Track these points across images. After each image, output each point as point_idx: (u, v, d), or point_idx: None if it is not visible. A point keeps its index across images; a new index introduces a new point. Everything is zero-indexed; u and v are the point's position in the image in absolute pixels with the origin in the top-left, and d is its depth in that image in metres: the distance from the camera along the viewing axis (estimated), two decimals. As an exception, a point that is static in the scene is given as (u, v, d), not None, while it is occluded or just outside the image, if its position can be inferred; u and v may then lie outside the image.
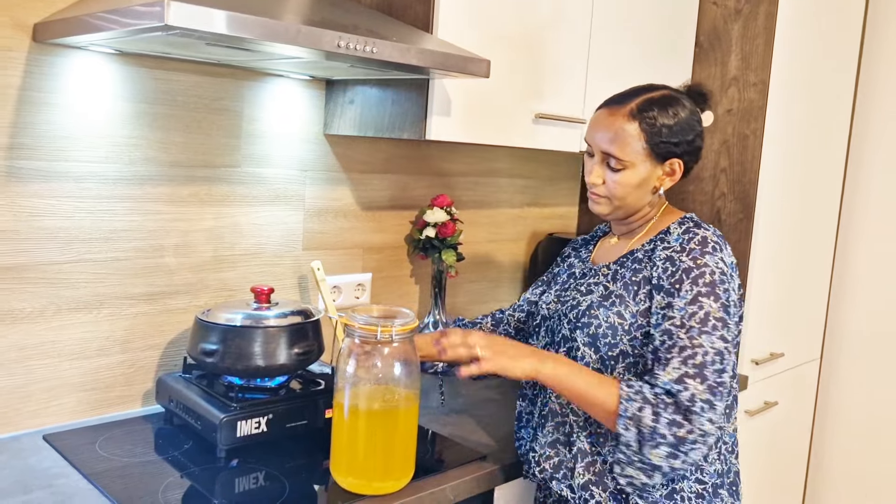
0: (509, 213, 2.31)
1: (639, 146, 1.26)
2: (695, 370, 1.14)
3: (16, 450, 1.36)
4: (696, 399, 1.12)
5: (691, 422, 1.11)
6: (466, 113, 1.63)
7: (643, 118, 1.25)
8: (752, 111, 2.15)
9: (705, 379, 1.13)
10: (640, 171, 1.27)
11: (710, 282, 1.18)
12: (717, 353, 1.15)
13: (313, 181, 1.80)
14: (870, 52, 2.62)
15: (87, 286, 1.48)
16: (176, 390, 1.47)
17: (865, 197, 2.66)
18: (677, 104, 1.28)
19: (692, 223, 1.29)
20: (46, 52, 1.38)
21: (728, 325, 1.18)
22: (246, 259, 1.71)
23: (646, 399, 1.14)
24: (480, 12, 1.61)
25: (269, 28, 1.14)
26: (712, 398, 1.13)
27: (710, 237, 1.24)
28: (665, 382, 1.14)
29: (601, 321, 1.27)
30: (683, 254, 1.21)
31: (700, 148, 1.31)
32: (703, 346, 1.15)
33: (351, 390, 1.22)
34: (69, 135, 1.43)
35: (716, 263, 1.20)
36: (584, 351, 1.29)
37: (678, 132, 1.26)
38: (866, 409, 2.70)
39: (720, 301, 1.17)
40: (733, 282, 1.24)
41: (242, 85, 1.65)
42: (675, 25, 2.17)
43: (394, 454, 1.25)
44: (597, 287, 1.31)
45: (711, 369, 1.14)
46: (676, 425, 1.12)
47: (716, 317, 1.17)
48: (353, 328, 1.22)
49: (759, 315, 2.27)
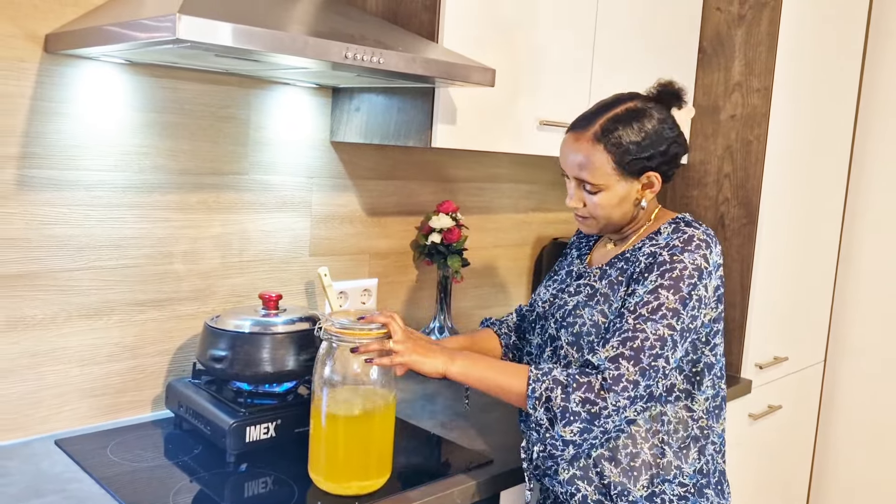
0: (514, 218, 2.33)
1: (608, 168, 1.24)
2: (631, 352, 1.17)
3: (28, 455, 1.38)
4: (622, 379, 1.16)
5: (606, 399, 1.15)
6: (471, 120, 1.65)
7: (608, 140, 1.23)
8: (756, 117, 2.17)
9: (639, 362, 1.16)
10: (618, 191, 1.27)
11: (676, 276, 1.19)
12: (658, 338, 1.17)
13: (320, 188, 1.82)
14: (873, 58, 2.63)
15: (98, 293, 1.50)
16: (185, 396, 1.49)
17: (868, 201, 2.67)
18: (643, 116, 1.25)
19: (683, 223, 1.29)
20: (57, 63, 1.40)
21: (680, 314, 1.18)
22: (254, 265, 1.73)
23: (555, 380, 1.18)
24: (486, 21, 1.63)
25: (277, 40, 1.16)
26: (640, 379, 1.17)
27: (697, 235, 1.24)
28: (600, 359, 1.18)
29: (585, 320, 1.28)
30: (665, 249, 1.22)
31: (677, 154, 1.29)
32: (645, 332, 1.17)
33: (328, 393, 1.26)
34: (80, 144, 1.45)
35: (693, 260, 1.20)
36: (566, 350, 1.30)
37: (647, 146, 1.24)
38: (870, 412, 2.71)
39: (680, 294, 1.19)
40: (709, 279, 1.22)
41: (249, 93, 1.67)
42: (678, 32, 2.18)
43: (370, 455, 1.28)
44: (585, 287, 1.32)
45: (648, 353, 1.17)
46: (590, 403, 1.16)
47: (669, 307, 1.18)
48: (329, 333, 1.25)
49: (763, 319, 2.28)
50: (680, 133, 1.30)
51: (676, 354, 1.21)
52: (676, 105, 1.31)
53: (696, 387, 1.28)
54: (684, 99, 1.31)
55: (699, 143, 2.29)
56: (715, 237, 1.28)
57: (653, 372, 1.18)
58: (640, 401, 1.20)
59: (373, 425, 1.28)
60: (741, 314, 2.22)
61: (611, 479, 1.25)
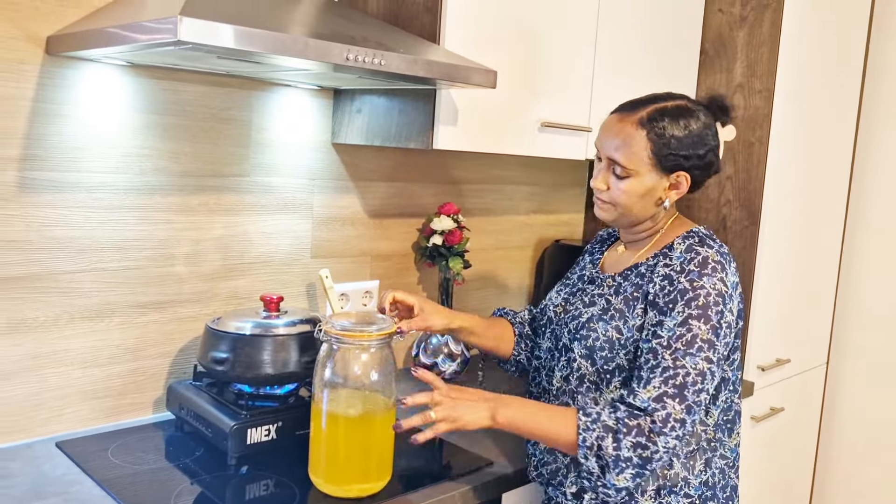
0: (516, 220, 2.33)
1: (644, 155, 1.24)
2: (675, 390, 1.15)
3: (29, 457, 1.38)
4: (671, 419, 1.14)
5: (657, 442, 1.13)
6: (473, 122, 1.65)
7: (652, 127, 1.23)
8: (758, 118, 2.16)
9: (684, 399, 1.15)
10: (645, 181, 1.25)
11: (702, 304, 1.17)
12: (699, 373, 1.16)
13: (321, 190, 1.82)
14: (875, 59, 2.63)
15: (99, 295, 1.50)
16: (186, 398, 1.48)
17: (871, 203, 2.67)
18: (690, 116, 1.25)
19: (697, 239, 1.26)
20: (59, 65, 1.40)
21: (715, 346, 1.17)
22: (255, 267, 1.73)
23: (606, 426, 1.15)
24: (487, 23, 1.63)
25: (279, 42, 1.16)
26: (686, 417, 1.15)
27: (711, 257, 1.21)
28: (643, 400, 1.16)
29: (599, 335, 1.27)
30: (682, 275, 1.20)
31: (712, 164, 1.28)
32: (685, 367, 1.15)
33: (329, 395, 1.25)
34: (81, 146, 1.45)
35: (713, 285, 1.19)
36: (580, 363, 1.29)
37: (688, 145, 1.24)
38: (873, 415, 2.70)
39: (710, 323, 1.17)
40: (731, 302, 1.21)
41: (251, 95, 1.67)
42: (680, 33, 2.18)
43: (370, 457, 1.27)
44: (599, 299, 1.31)
45: (692, 389, 1.15)
46: (641, 447, 1.14)
47: (703, 339, 1.16)
48: (329, 335, 1.24)
49: (765, 321, 2.27)
50: (719, 145, 1.29)
51: (715, 383, 1.20)
52: (721, 120, 1.30)
53: (712, 400, 1.27)
54: (730, 115, 1.31)
55: (701, 144, 2.28)
56: (729, 255, 1.26)
57: (698, 407, 1.17)
58: (690, 436, 1.19)
59: (373, 427, 1.28)
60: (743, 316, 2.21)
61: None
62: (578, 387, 1.29)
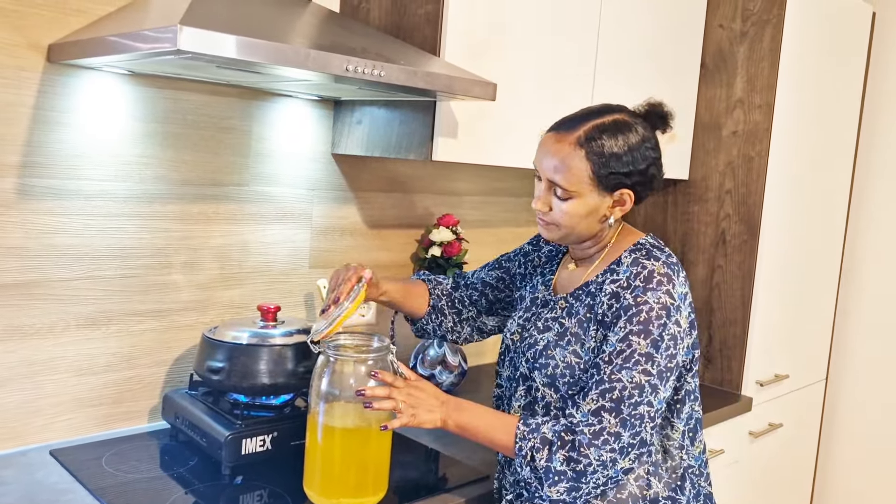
0: (514, 231, 2.33)
1: (585, 176, 1.19)
2: (611, 404, 1.14)
3: (23, 464, 1.38)
4: (604, 432, 1.13)
5: (588, 455, 1.13)
6: (472, 134, 1.65)
7: (591, 147, 1.19)
8: (758, 133, 2.17)
9: (619, 413, 1.14)
10: (588, 202, 1.22)
11: (644, 319, 1.16)
12: (635, 386, 1.15)
13: (320, 200, 1.82)
14: (875, 74, 2.64)
15: (96, 303, 1.50)
16: (182, 407, 1.48)
17: (870, 218, 2.67)
18: (629, 130, 1.21)
19: (643, 252, 1.23)
20: (60, 73, 1.40)
21: (654, 358, 1.15)
22: (253, 277, 1.73)
23: (543, 438, 1.15)
24: (487, 35, 1.64)
25: (279, 52, 1.16)
26: (622, 431, 1.14)
27: (657, 270, 1.18)
28: (583, 413, 1.15)
29: (558, 361, 1.24)
30: (628, 290, 1.18)
31: (654, 177, 1.24)
32: (622, 381, 1.14)
33: (325, 407, 1.24)
34: (81, 153, 1.45)
35: (657, 299, 1.16)
36: (543, 391, 1.26)
37: (628, 162, 1.20)
38: (873, 430, 2.69)
39: (650, 337, 1.15)
40: (678, 313, 1.18)
41: (251, 104, 1.67)
42: (680, 47, 2.18)
43: (367, 471, 1.26)
44: (553, 323, 1.28)
45: (627, 403, 1.14)
46: (573, 461, 1.13)
47: (641, 353, 1.15)
48: (327, 349, 1.24)
49: (764, 336, 2.27)
50: (660, 156, 1.25)
51: (660, 395, 1.17)
52: (661, 128, 1.27)
53: (675, 414, 1.26)
54: (670, 124, 1.27)
55: (700, 158, 2.29)
56: (677, 264, 1.22)
57: (635, 420, 1.15)
58: (633, 449, 1.16)
59: (370, 440, 1.25)
60: (742, 331, 2.21)
61: None
62: (545, 414, 1.26)
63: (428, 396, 1.22)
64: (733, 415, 2.15)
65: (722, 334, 2.25)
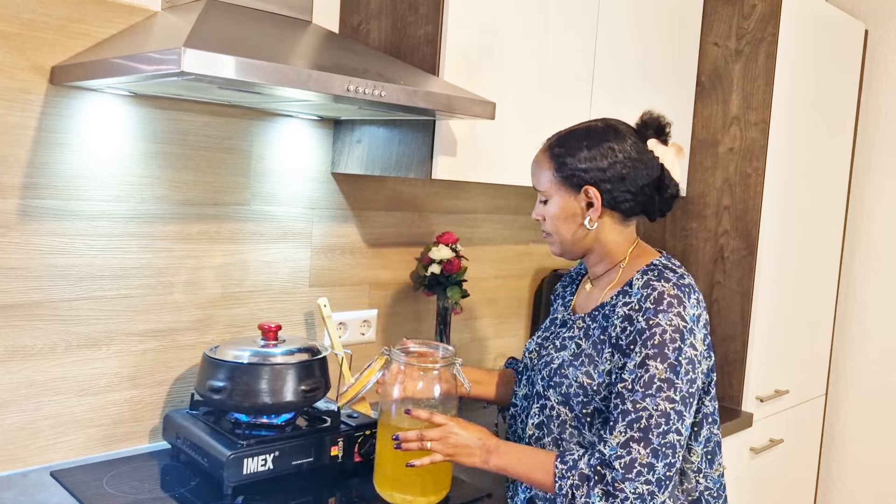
0: (514, 249, 2.33)
1: (549, 175, 1.29)
2: (639, 434, 1.14)
3: (24, 486, 1.37)
4: (636, 464, 1.13)
5: (624, 490, 1.13)
6: (472, 152, 1.66)
7: (553, 149, 1.29)
8: (754, 150, 2.18)
9: (649, 443, 1.14)
10: (560, 202, 1.28)
11: (658, 343, 1.16)
12: (661, 415, 1.14)
13: (321, 219, 1.83)
14: (868, 90, 2.66)
15: (97, 323, 1.50)
16: (183, 427, 1.48)
17: (868, 233, 2.68)
18: (595, 132, 1.27)
19: (655, 273, 1.23)
20: (63, 94, 1.41)
21: (675, 384, 1.15)
22: (254, 296, 1.73)
23: (581, 475, 1.16)
24: (486, 55, 1.65)
25: (281, 73, 1.17)
26: (655, 462, 1.14)
27: (667, 291, 1.19)
28: (612, 447, 1.15)
29: (571, 381, 1.25)
30: (640, 313, 1.19)
31: (623, 177, 1.24)
32: (647, 409, 1.14)
33: (396, 412, 1.32)
34: (83, 174, 1.46)
35: (669, 321, 1.16)
36: (558, 410, 1.27)
37: (586, 159, 1.25)
38: (873, 445, 2.69)
39: (667, 361, 1.15)
40: (692, 336, 1.18)
41: (252, 124, 1.68)
42: (677, 65, 2.21)
43: (431, 471, 1.31)
44: (570, 343, 1.29)
45: (656, 432, 1.14)
46: (611, 496, 1.14)
47: (661, 378, 1.15)
48: (400, 358, 1.35)
49: (764, 352, 2.27)
50: (638, 159, 1.25)
51: (686, 422, 1.17)
52: (654, 135, 1.28)
53: (693, 437, 1.26)
54: (666, 131, 1.29)
55: (698, 175, 2.30)
56: (689, 286, 1.22)
57: (666, 450, 1.14)
58: (669, 482, 1.16)
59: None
60: (742, 346, 2.22)
61: None
62: (562, 433, 1.27)
63: (467, 439, 1.25)
64: (734, 431, 2.15)
65: (721, 350, 2.26)
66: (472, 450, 1.24)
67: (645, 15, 2.04)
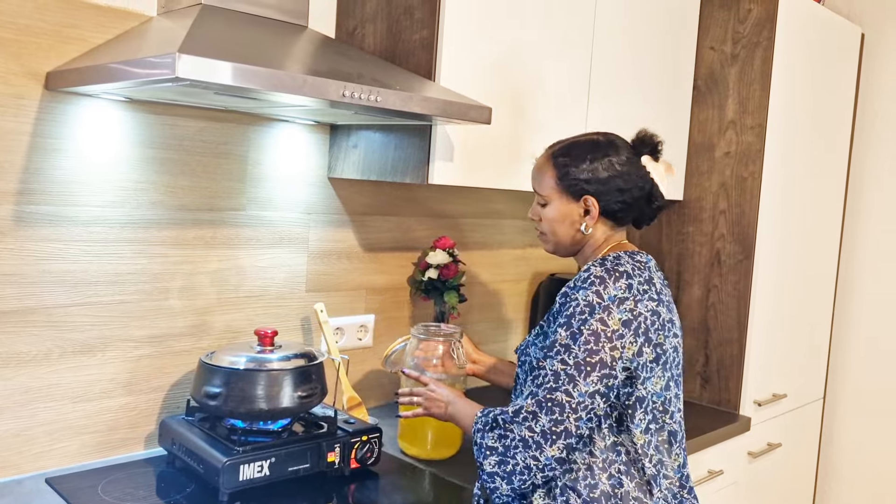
0: (511, 253, 2.33)
1: (552, 182, 1.37)
2: (535, 388, 1.28)
3: (19, 493, 1.36)
4: (522, 411, 1.26)
5: (512, 430, 1.26)
6: (468, 157, 1.66)
7: (557, 158, 1.38)
8: (750, 154, 2.19)
9: (535, 395, 1.26)
10: (559, 207, 1.37)
11: (569, 314, 1.27)
12: (552, 374, 1.25)
13: (317, 224, 1.83)
14: (864, 94, 2.67)
15: (93, 329, 1.50)
16: (178, 433, 1.47)
17: (865, 236, 2.68)
18: (597, 147, 1.36)
19: (599, 261, 1.33)
20: (58, 100, 1.41)
21: (571, 350, 1.25)
22: (250, 301, 1.72)
23: (486, 422, 1.31)
24: (482, 60, 1.65)
25: (276, 78, 1.17)
26: (538, 412, 1.25)
27: (594, 273, 1.29)
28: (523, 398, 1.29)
29: (532, 357, 1.37)
30: (569, 289, 1.31)
31: (620, 189, 1.34)
32: (544, 369, 1.27)
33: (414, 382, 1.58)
34: (78, 180, 1.45)
35: (584, 297, 1.27)
36: (524, 388, 1.36)
37: (588, 170, 1.34)
38: (871, 448, 2.69)
39: (570, 330, 1.26)
40: (604, 312, 1.25)
41: (248, 129, 1.68)
42: (673, 69, 2.21)
43: (444, 429, 1.62)
44: (540, 328, 1.40)
45: (544, 387, 1.25)
46: (503, 438, 1.27)
47: (561, 343, 1.26)
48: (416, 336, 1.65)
49: (761, 356, 2.27)
50: (633, 174, 1.35)
51: (580, 388, 1.23)
52: (648, 152, 1.38)
53: (630, 419, 1.29)
54: (658, 149, 1.39)
55: (694, 179, 2.30)
56: (620, 272, 1.29)
57: (552, 406, 1.23)
58: (556, 437, 1.23)
59: None
60: (739, 350, 2.21)
61: None
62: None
63: (440, 396, 1.46)
64: (732, 435, 2.15)
65: (719, 354, 2.26)
66: (441, 403, 1.45)
67: (641, 19, 2.04)
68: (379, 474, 1.54)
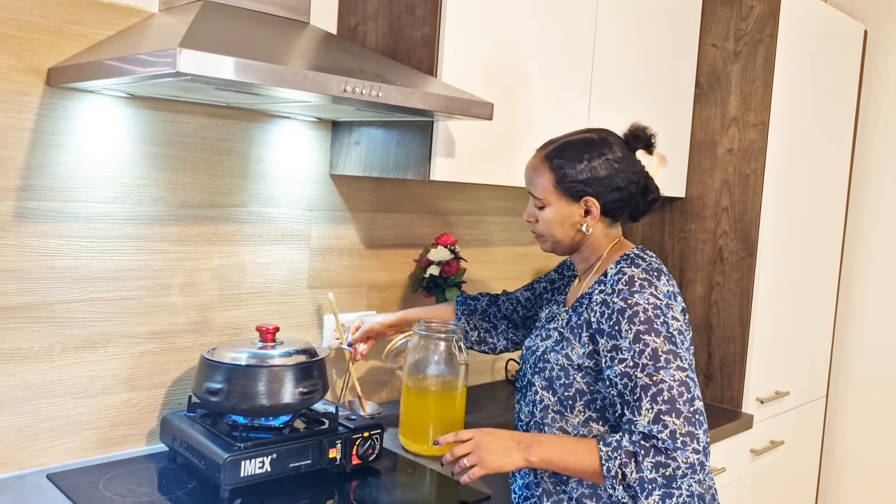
0: (513, 251, 2.33)
1: (549, 185, 1.33)
2: (667, 406, 1.16)
3: (20, 489, 1.36)
4: (677, 434, 1.15)
5: (676, 458, 1.14)
6: (470, 153, 1.66)
7: (553, 160, 1.33)
8: (753, 151, 2.18)
9: (680, 413, 1.15)
10: (558, 209, 1.33)
11: (644, 319, 1.20)
12: (680, 383, 1.17)
13: (319, 220, 1.83)
14: (868, 91, 2.66)
15: (94, 325, 1.50)
16: (180, 429, 1.47)
17: (868, 234, 2.68)
18: (593, 146, 1.32)
19: (627, 262, 1.29)
20: (59, 96, 1.41)
21: (679, 354, 1.19)
22: (251, 298, 1.72)
23: (626, 452, 1.16)
24: (484, 56, 1.65)
25: (277, 73, 1.17)
26: (693, 429, 1.15)
27: (636, 275, 1.25)
28: (644, 426, 1.16)
29: (553, 364, 1.31)
30: (614, 295, 1.24)
31: (619, 187, 1.31)
32: (665, 381, 1.17)
33: (413, 377, 1.64)
34: (80, 176, 1.45)
35: (646, 300, 1.22)
36: (542, 395, 1.33)
37: (586, 170, 1.31)
38: (874, 446, 2.68)
39: (662, 335, 1.19)
40: (671, 310, 1.23)
41: (249, 126, 1.68)
42: (675, 66, 2.20)
43: (445, 425, 1.61)
44: (554, 332, 1.36)
45: (681, 401, 1.16)
46: (662, 466, 1.14)
47: (663, 350, 1.18)
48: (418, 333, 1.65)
49: (764, 353, 2.26)
50: (630, 169, 1.32)
51: (699, 390, 1.20)
52: (642, 146, 1.35)
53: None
54: (652, 143, 1.36)
55: (696, 177, 2.30)
56: (657, 270, 1.27)
57: (698, 416, 1.17)
58: (709, 450, 1.18)
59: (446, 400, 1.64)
60: (741, 348, 2.21)
61: None
62: (544, 418, 1.33)
63: (499, 442, 1.25)
64: (734, 432, 2.14)
65: (721, 351, 2.25)
66: (509, 450, 1.24)
67: (643, 16, 2.04)
68: (380, 471, 1.54)
